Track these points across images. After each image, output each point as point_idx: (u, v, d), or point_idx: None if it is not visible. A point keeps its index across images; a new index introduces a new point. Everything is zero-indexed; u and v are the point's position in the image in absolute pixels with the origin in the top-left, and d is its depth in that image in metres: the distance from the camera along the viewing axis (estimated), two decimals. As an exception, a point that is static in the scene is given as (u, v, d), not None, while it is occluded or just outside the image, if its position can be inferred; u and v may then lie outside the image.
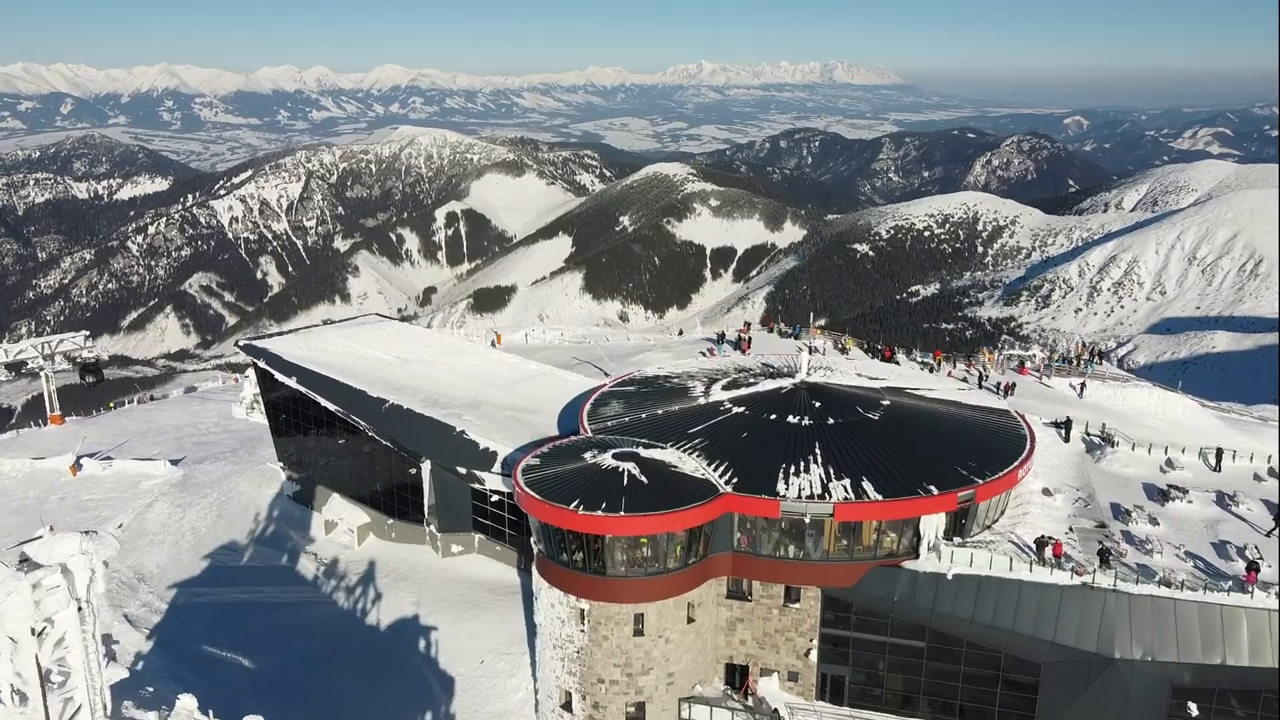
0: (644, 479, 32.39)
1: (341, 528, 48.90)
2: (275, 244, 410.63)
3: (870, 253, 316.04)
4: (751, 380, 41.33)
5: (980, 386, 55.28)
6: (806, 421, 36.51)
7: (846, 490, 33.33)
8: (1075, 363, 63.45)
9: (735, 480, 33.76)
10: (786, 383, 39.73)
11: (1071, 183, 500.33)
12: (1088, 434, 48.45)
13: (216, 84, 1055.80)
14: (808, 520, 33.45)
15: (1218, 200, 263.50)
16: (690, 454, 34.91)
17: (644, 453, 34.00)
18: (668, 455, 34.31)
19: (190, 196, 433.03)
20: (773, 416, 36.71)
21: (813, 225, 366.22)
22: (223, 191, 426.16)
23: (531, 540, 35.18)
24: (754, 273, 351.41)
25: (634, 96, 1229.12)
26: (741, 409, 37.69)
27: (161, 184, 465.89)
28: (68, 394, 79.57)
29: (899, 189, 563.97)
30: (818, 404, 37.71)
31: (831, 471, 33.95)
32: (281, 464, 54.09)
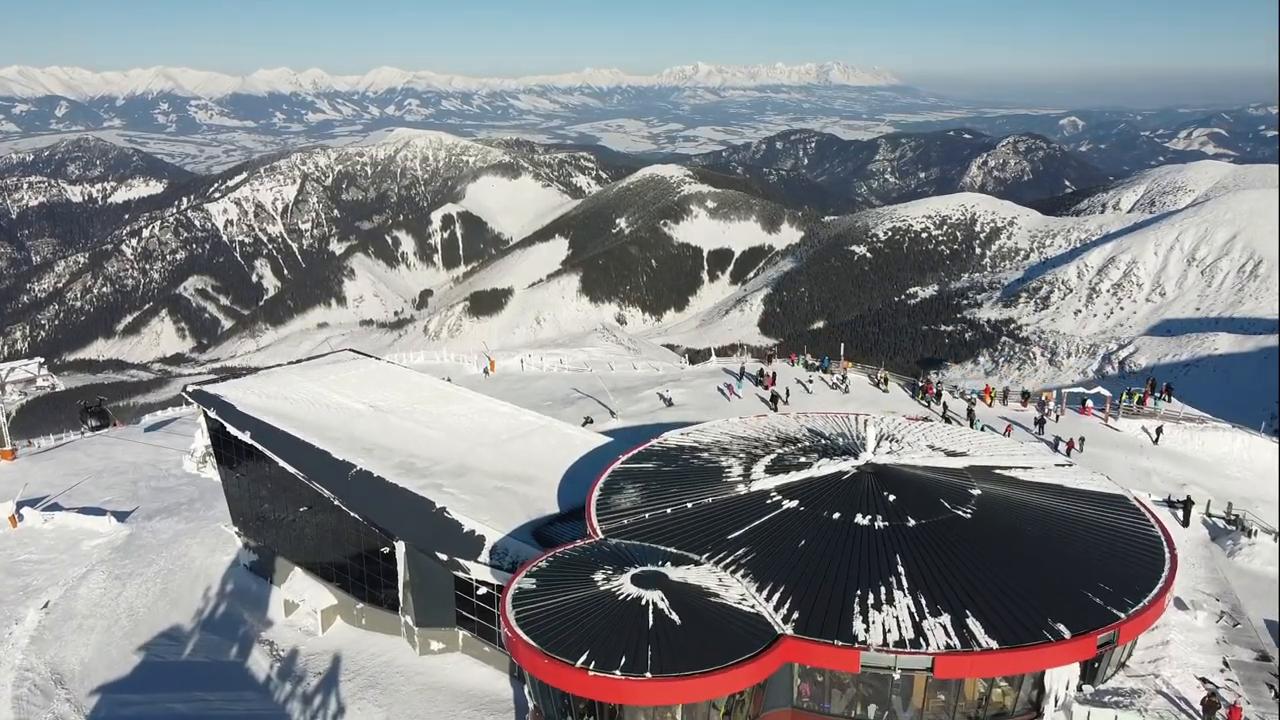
0: (675, 616, 23.97)
1: (304, 609, 40.56)
2: (270, 247, 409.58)
3: (868, 254, 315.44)
4: (801, 459, 30.51)
5: (1039, 425, 50.63)
6: (881, 523, 27.02)
7: (948, 633, 24.09)
8: (1142, 401, 55.99)
9: (796, 616, 24.79)
10: (847, 465, 29.17)
11: (1068, 183, 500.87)
12: (1209, 515, 40.65)
13: (212, 86, 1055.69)
14: (896, 675, 24.51)
15: (1216, 201, 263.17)
16: (733, 571, 25.99)
17: (673, 573, 25.31)
18: (704, 577, 25.53)
19: (185, 199, 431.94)
20: (836, 515, 27.07)
21: (810, 227, 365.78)
22: (218, 194, 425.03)
23: (525, 690, 27.23)
24: (751, 275, 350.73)
25: (630, 98, 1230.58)
26: (794, 503, 27.84)
27: (156, 187, 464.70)
28: (19, 421, 68.80)
29: (895, 190, 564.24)
30: (891, 496, 27.83)
31: (924, 602, 24.63)
32: (236, 529, 45.85)
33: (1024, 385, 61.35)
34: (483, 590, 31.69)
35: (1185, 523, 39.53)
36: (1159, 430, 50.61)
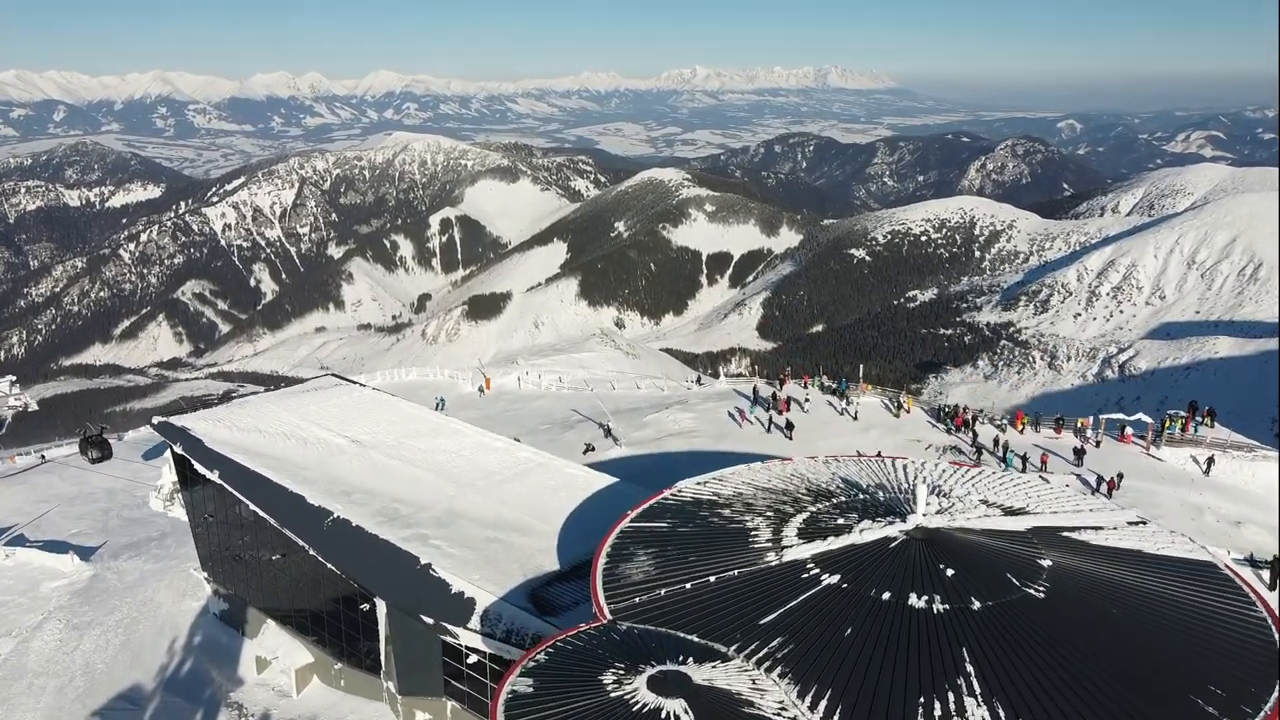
0: None
1: (277, 667, 36.56)
2: (268, 251, 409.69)
3: (867, 258, 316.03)
4: (839, 520, 24.53)
5: (1078, 456, 46.36)
6: (940, 606, 21.79)
7: None
8: (1184, 427, 50.88)
9: None
10: (893, 529, 23.45)
11: (1066, 186, 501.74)
12: None
13: (210, 90, 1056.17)
14: None
15: (1215, 204, 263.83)
16: (768, 669, 21.19)
17: (697, 674, 20.28)
18: (734, 678, 20.77)
19: (183, 204, 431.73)
20: (886, 595, 21.92)
21: (809, 230, 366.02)
22: (215, 198, 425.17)
23: None
24: (750, 278, 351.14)
25: (628, 102, 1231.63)
26: (835, 578, 22.55)
27: (154, 191, 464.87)
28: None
29: (894, 193, 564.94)
30: (949, 570, 22.44)
31: (1003, 716, 19.03)
32: (206, 574, 41.57)
33: (1059, 414, 57.34)
34: (473, 658, 27.70)
35: (1272, 585, 34.94)
36: (1210, 461, 46.80)
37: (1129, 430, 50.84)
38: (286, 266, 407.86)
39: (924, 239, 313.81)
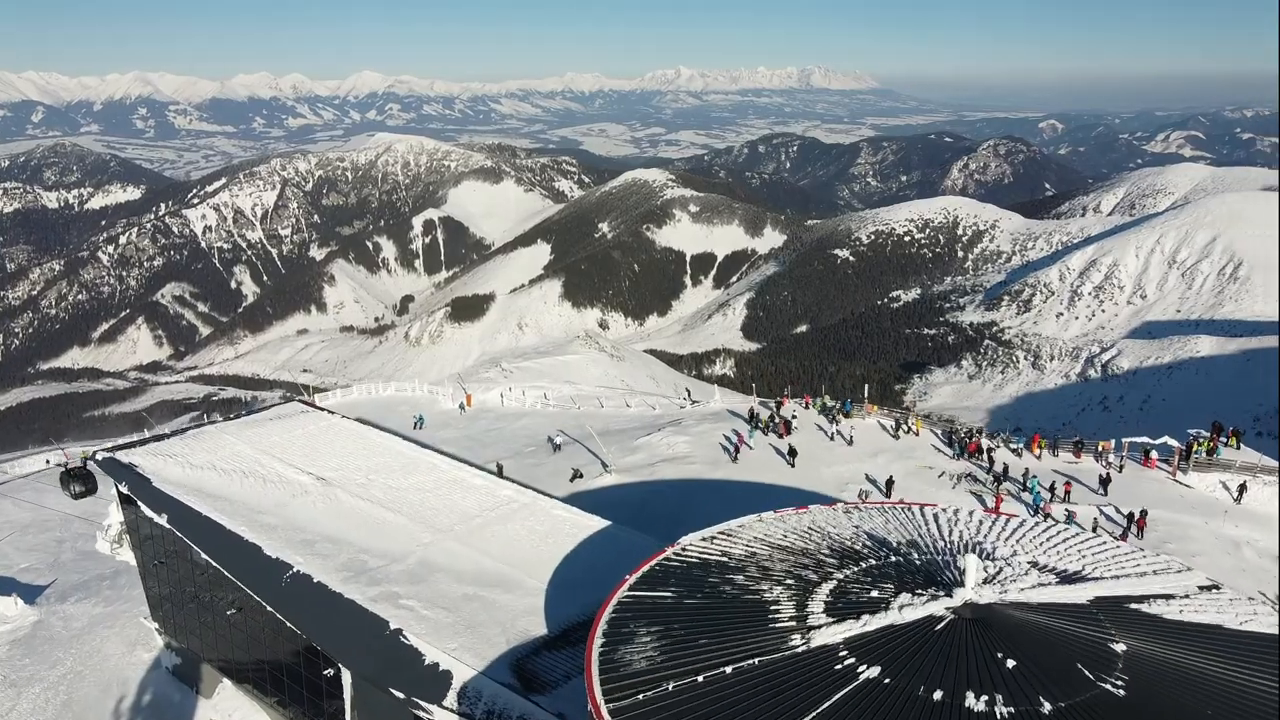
0: None
1: None
2: (250, 253, 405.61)
3: (851, 258, 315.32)
4: (872, 591, 20.47)
5: (1103, 484, 43.25)
6: (1004, 709, 17.31)
7: None
8: (1210, 450, 47.89)
9: None
10: (938, 606, 19.16)
11: (1048, 186, 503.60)
12: None
13: (191, 91, 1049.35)
14: None
15: (1195, 204, 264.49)
16: None
17: None
18: None
19: (163, 205, 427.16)
20: (938, 695, 17.62)
21: (793, 231, 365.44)
22: (196, 200, 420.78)
23: None
24: (734, 279, 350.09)
25: (612, 102, 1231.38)
26: (874, 670, 18.28)
27: (134, 193, 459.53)
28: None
29: (877, 193, 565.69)
30: (1009, 661, 18.11)
31: None
32: (157, 626, 37.78)
33: (1077, 436, 52.88)
34: None
35: None
36: (1242, 488, 43.85)
37: (1153, 454, 47.98)
38: (268, 268, 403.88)
39: (907, 239, 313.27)
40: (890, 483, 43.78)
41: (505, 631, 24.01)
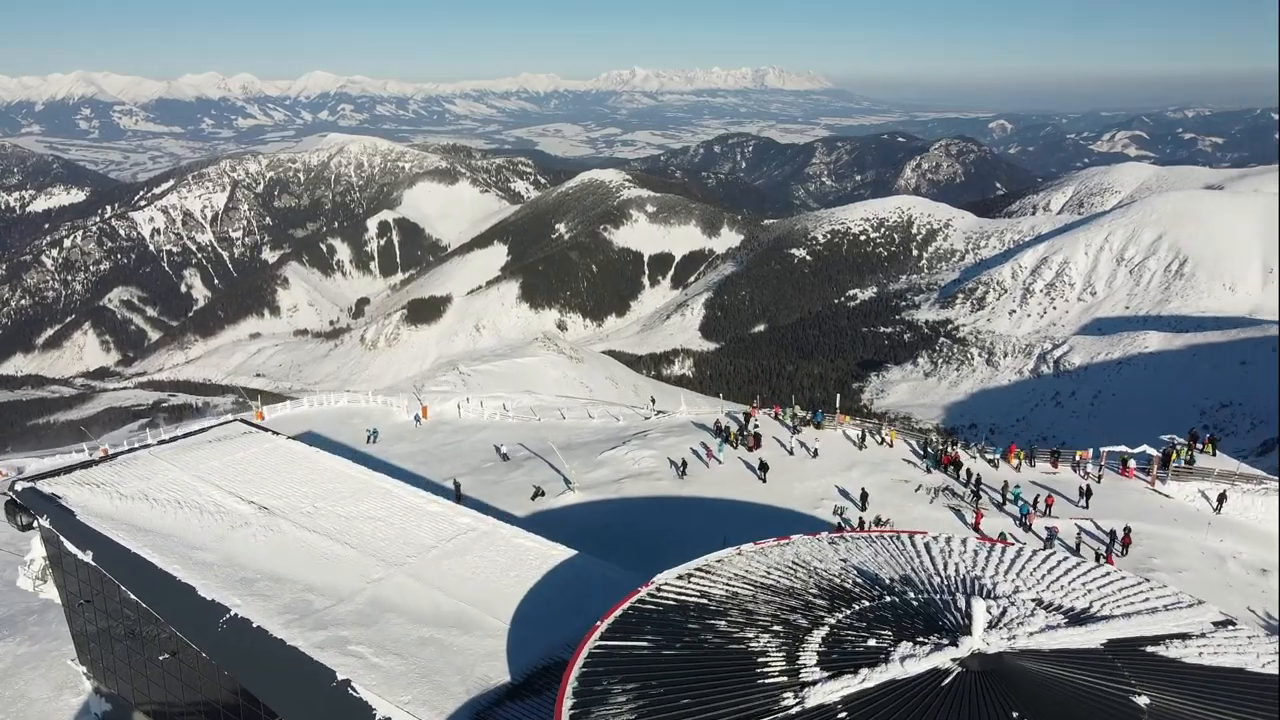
0: None
1: None
2: (200, 256, 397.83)
3: (807, 257, 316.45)
4: (868, 639, 18.08)
5: (1084, 497, 42.12)
6: None
7: None
8: (1189, 459, 46.80)
9: None
10: (942, 658, 17.11)
11: (999, 185, 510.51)
12: None
13: (136, 91, 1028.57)
14: None
15: (1142, 202, 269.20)
16: None
17: None
18: None
19: (109, 208, 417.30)
20: None
21: (750, 230, 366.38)
22: (143, 202, 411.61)
23: None
24: (692, 279, 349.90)
25: (568, 103, 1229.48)
26: None
27: (78, 195, 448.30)
28: None
29: (832, 193, 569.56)
30: None
31: None
32: (85, 669, 34.82)
33: (1054, 446, 50.62)
34: None
35: None
36: (1221, 497, 43.24)
37: (1131, 464, 47.12)
38: (219, 272, 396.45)
39: (863, 238, 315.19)
40: (865, 497, 42.37)
41: (464, 680, 21.68)
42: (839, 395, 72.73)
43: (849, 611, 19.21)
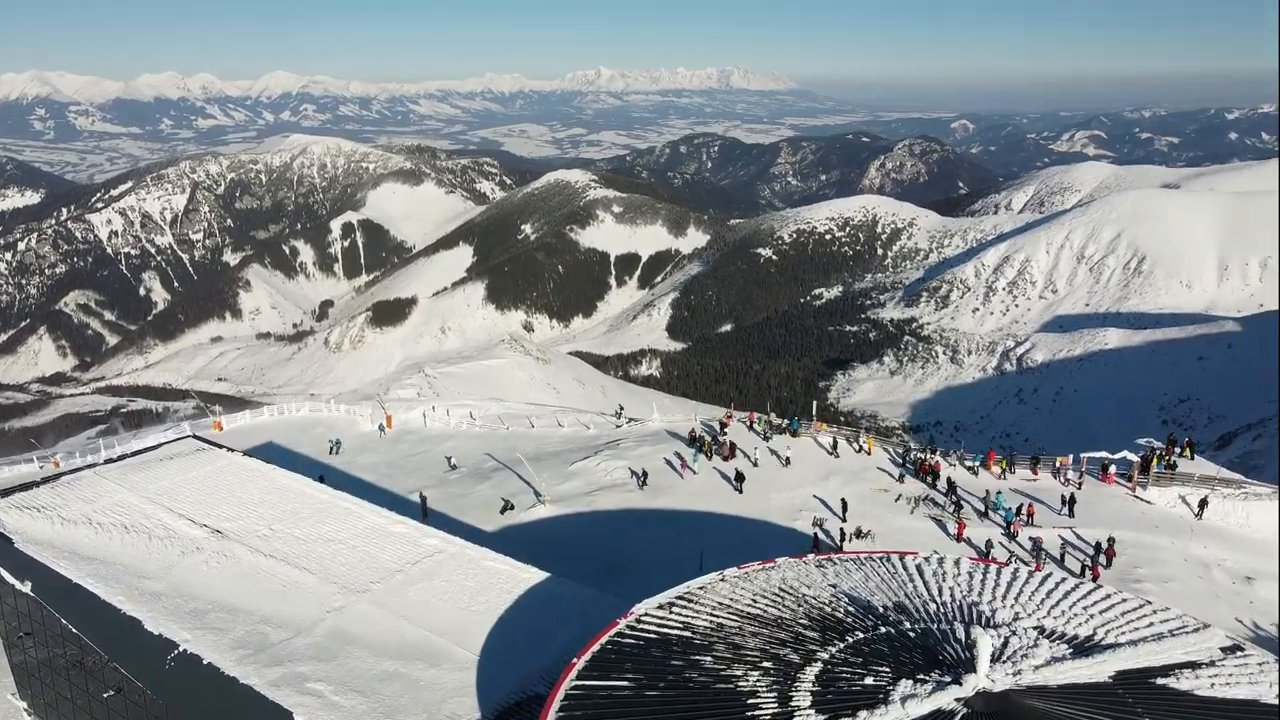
0: None
1: None
2: (159, 259, 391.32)
3: (774, 257, 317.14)
4: (866, 677, 16.54)
5: (1068, 506, 41.38)
6: None
7: None
8: (1173, 465, 46.49)
9: None
10: (946, 698, 15.57)
11: (961, 184, 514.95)
12: None
13: (93, 91, 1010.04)
14: None
15: (1101, 201, 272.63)
16: None
17: None
18: None
19: (65, 210, 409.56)
20: None
21: (716, 230, 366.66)
22: (101, 204, 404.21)
23: None
24: (659, 279, 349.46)
25: (533, 103, 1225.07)
26: None
27: (33, 197, 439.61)
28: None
29: (798, 192, 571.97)
30: None
31: None
32: (26, 705, 32.70)
33: (1038, 452, 49.73)
34: None
35: None
36: (1203, 503, 42.86)
37: (1112, 470, 46.55)
38: (179, 274, 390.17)
39: (829, 237, 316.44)
40: (845, 507, 41.33)
41: (432, 719, 19.99)
42: (815, 403, 71.33)
43: (842, 645, 17.76)
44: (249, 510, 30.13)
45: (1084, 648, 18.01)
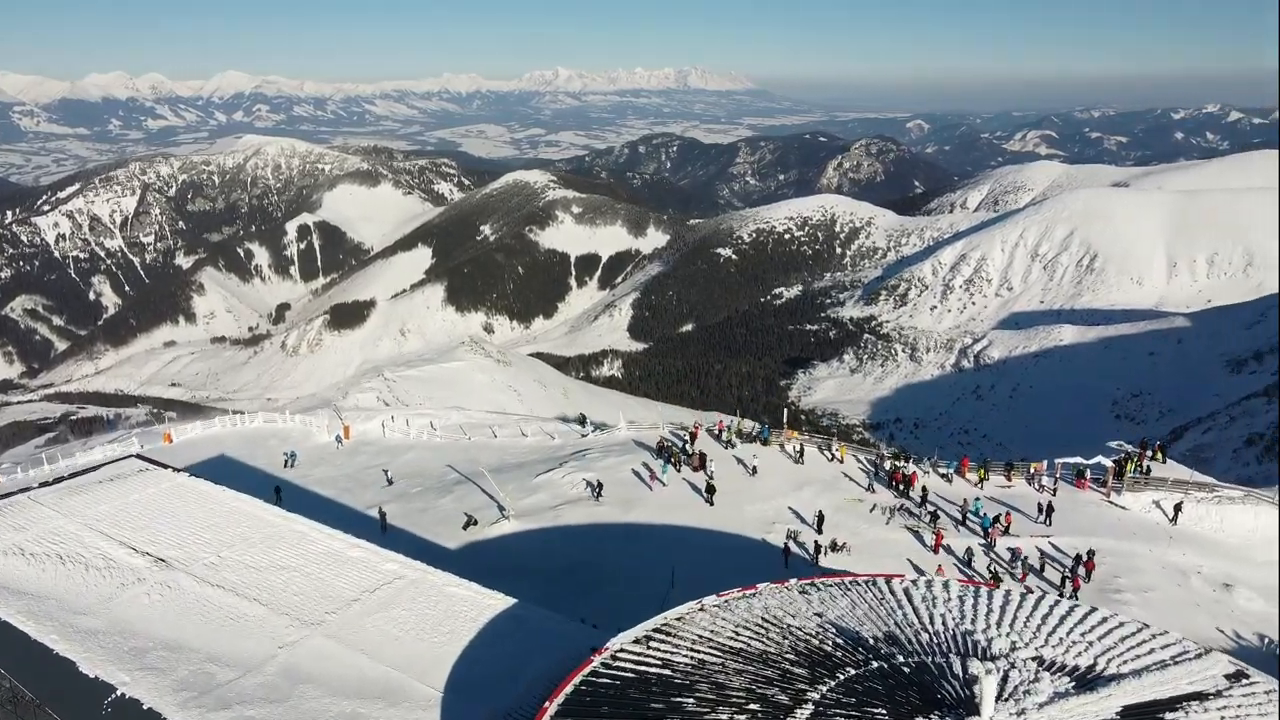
0: None
1: None
2: (109, 262, 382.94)
3: (734, 256, 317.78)
4: (856, 714, 15.15)
5: (1045, 514, 40.77)
6: None
7: None
8: (1147, 470, 46.35)
9: None
10: None
11: (918, 184, 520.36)
12: None
13: (38, 92, 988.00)
14: None
15: (1054, 200, 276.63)
16: None
17: None
18: None
19: (10, 213, 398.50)
20: None
21: (675, 230, 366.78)
22: (47, 207, 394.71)
23: None
24: (619, 280, 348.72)
25: (490, 103, 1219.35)
26: None
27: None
28: None
29: (757, 192, 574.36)
30: None
31: None
32: None
33: (1010, 457, 49.08)
34: None
35: None
36: (1177, 508, 42.66)
37: (1087, 475, 46.01)
38: (130, 278, 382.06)
39: (788, 237, 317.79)
40: (821, 519, 39.95)
41: None
42: (785, 410, 69.87)
43: (833, 683, 16.28)
44: (195, 536, 28.12)
45: (1086, 680, 16.79)
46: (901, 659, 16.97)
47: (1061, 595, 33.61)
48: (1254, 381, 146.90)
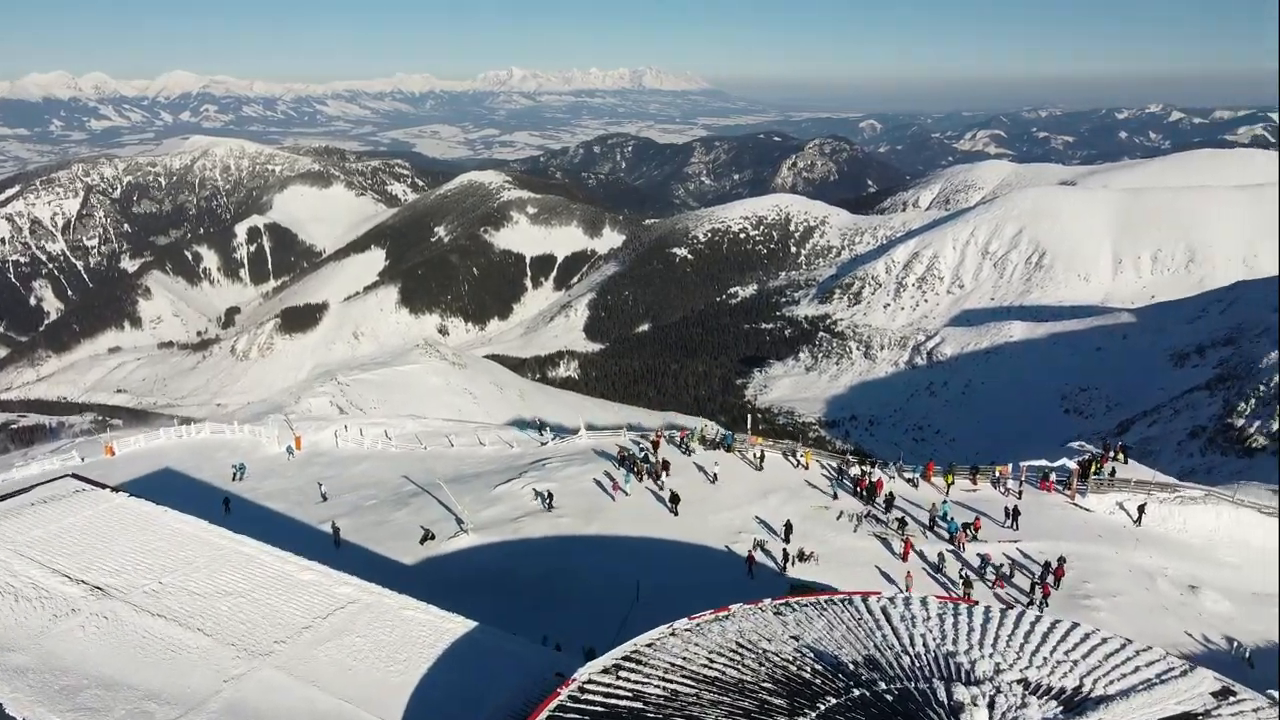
0: None
1: None
2: (51, 266, 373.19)
3: (689, 256, 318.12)
4: None
5: (1012, 519, 40.61)
6: None
7: None
8: (1111, 472, 46.35)
9: None
10: None
11: (870, 183, 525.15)
12: None
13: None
14: None
15: (1003, 198, 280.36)
16: None
17: None
18: None
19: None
20: None
21: (631, 230, 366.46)
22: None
23: None
24: (575, 280, 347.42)
25: (444, 103, 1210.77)
26: None
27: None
28: None
29: (712, 192, 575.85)
30: None
31: None
32: None
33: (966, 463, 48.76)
34: None
35: None
36: (1141, 509, 42.90)
37: (1051, 477, 46.15)
38: (73, 283, 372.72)
39: (743, 236, 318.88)
40: (789, 529, 39.05)
41: None
42: (749, 416, 69.06)
43: (814, 715, 15.35)
44: (135, 561, 26.32)
45: (1074, 703, 15.92)
46: (884, 685, 16.05)
47: (1031, 602, 33.45)
48: (1196, 375, 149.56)
